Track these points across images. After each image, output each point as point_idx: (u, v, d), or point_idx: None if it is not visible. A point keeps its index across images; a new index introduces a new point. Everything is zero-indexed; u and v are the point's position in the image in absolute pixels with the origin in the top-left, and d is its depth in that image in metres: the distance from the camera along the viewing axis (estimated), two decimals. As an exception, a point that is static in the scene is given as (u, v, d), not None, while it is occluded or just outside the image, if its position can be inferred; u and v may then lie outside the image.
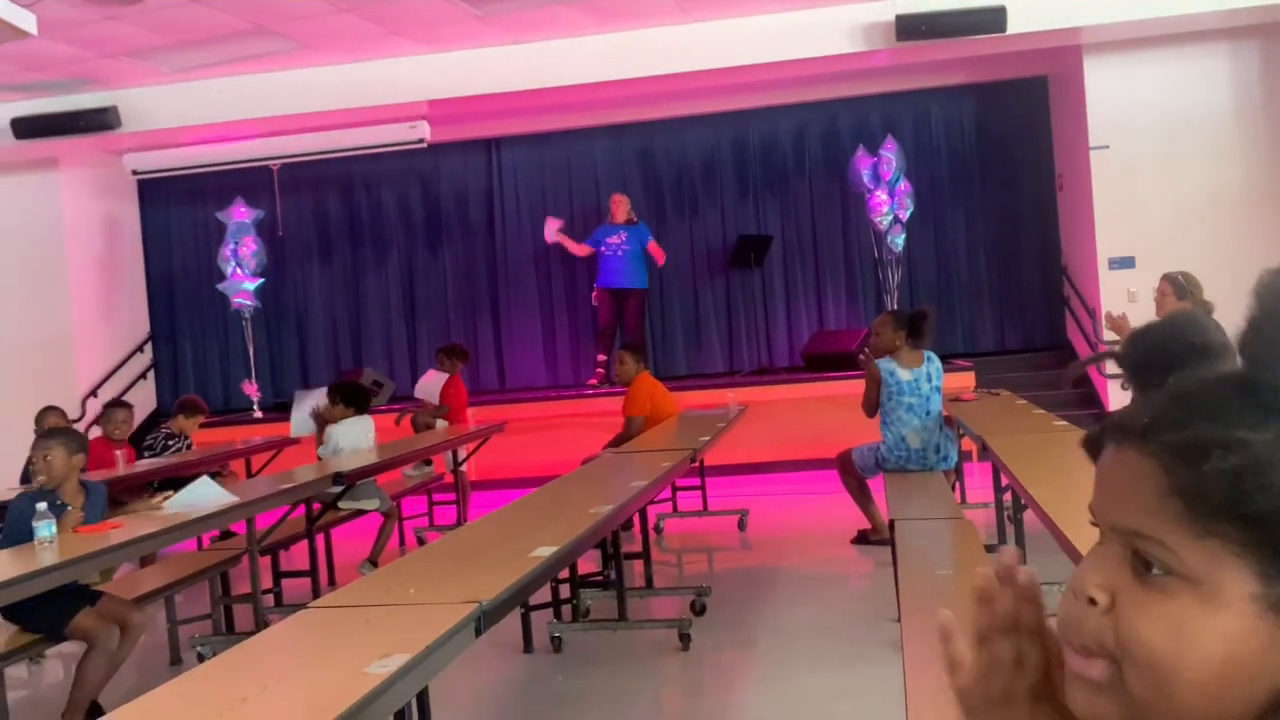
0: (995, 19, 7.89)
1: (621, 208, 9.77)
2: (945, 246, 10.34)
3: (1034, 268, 10.21)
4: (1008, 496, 4.86)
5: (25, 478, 5.59)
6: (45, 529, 3.66)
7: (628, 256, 9.65)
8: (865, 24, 8.05)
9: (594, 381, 9.96)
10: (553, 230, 9.96)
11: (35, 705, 4.68)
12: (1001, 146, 10.27)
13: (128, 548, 3.83)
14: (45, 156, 9.60)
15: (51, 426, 5.45)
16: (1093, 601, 0.65)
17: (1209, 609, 0.61)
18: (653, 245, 9.70)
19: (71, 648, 4.99)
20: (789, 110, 10.34)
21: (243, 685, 1.91)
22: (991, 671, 0.74)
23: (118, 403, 7.09)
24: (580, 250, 9.91)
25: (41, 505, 3.71)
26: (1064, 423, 5.20)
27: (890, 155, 9.38)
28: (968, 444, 6.17)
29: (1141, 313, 5.53)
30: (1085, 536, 2.50)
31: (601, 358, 9.83)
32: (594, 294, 9.98)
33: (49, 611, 3.75)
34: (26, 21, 5.63)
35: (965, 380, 8.15)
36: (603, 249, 9.73)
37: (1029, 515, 4.24)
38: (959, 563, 3.65)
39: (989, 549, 4.12)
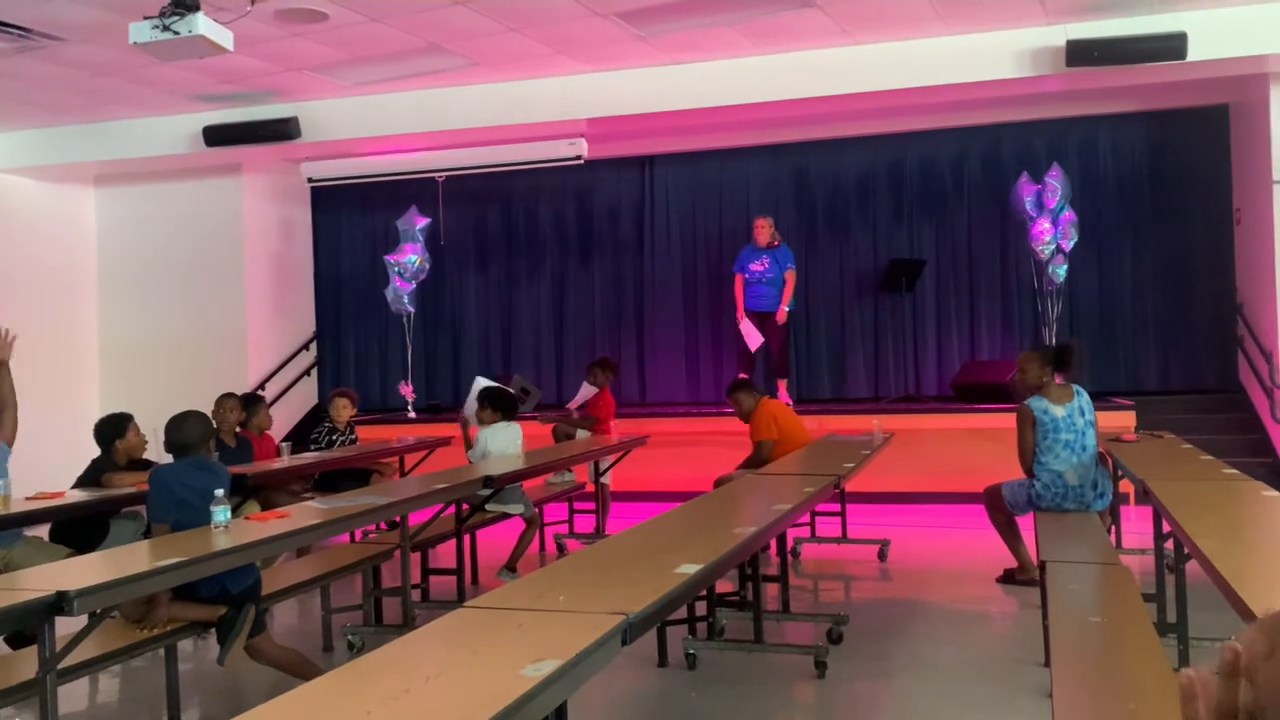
0: (1174, 46, 7.53)
1: (764, 232, 9.53)
2: (1110, 280, 9.93)
3: (1205, 305, 9.69)
4: (1169, 545, 4.63)
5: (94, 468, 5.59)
6: (220, 514, 3.92)
7: (771, 282, 9.55)
8: (1034, 49, 7.82)
9: (736, 400, 9.93)
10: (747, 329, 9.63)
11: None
12: (1175, 177, 9.81)
13: (290, 538, 4.07)
14: (230, 163, 10.27)
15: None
16: None
17: None
18: (789, 276, 9.33)
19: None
20: (948, 134, 10.14)
21: (406, 677, 2.01)
22: None
23: (255, 396, 7.48)
24: (739, 290, 9.70)
25: (219, 491, 3.97)
26: (1233, 470, 4.91)
27: (1055, 183, 9.07)
28: (1125, 486, 5.91)
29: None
30: (1255, 592, 2.40)
31: (744, 376, 9.77)
32: (741, 321, 9.69)
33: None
34: (226, 39, 6.02)
35: (1126, 420, 7.83)
36: (746, 275, 9.61)
37: (1192, 565, 4.03)
38: (1113, 610, 3.51)
39: (1147, 599, 3.95)
